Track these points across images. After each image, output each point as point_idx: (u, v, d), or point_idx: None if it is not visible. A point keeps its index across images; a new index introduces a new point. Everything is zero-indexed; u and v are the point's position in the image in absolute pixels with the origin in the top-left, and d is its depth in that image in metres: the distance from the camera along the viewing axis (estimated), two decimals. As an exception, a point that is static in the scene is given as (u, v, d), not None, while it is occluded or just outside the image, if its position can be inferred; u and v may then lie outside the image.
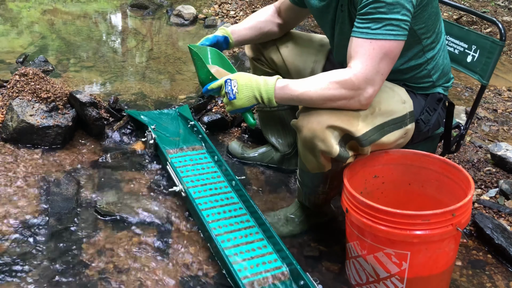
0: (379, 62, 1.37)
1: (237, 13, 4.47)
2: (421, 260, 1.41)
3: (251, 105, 1.51)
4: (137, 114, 2.42)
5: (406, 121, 1.55)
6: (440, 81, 1.67)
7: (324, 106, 1.44)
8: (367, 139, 1.46)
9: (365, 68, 1.37)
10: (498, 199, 2.07)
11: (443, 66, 1.66)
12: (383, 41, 1.36)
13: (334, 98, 1.41)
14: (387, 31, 1.35)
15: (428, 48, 1.57)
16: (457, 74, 3.64)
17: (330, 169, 1.57)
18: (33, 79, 2.34)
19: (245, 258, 1.63)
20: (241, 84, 1.49)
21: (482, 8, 5.23)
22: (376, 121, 1.47)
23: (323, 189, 1.69)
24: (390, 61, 1.40)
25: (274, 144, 2.23)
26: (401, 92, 1.58)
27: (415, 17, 1.43)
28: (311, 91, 1.42)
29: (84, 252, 1.68)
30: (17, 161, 2.10)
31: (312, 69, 1.94)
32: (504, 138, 2.68)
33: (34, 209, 1.84)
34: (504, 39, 1.75)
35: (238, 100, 1.49)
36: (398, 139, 1.57)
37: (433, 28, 1.54)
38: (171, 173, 1.98)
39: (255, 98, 1.49)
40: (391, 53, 1.38)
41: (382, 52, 1.36)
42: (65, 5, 4.78)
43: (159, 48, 3.71)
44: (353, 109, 1.44)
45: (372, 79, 1.38)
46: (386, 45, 1.36)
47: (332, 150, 1.44)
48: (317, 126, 1.43)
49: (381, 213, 1.36)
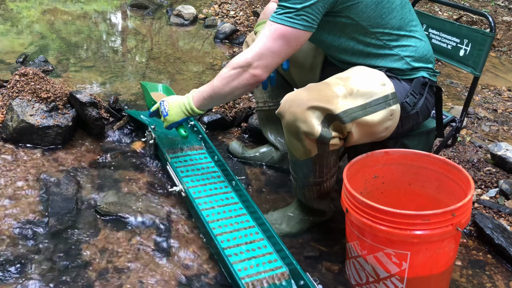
0: (272, 41, 1.56)
1: (237, 13, 4.47)
2: (421, 260, 1.41)
3: (181, 119, 1.82)
4: (137, 114, 2.42)
5: (389, 102, 1.58)
6: (419, 64, 1.69)
7: (231, 91, 1.67)
8: (347, 116, 1.50)
9: (259, 45, 1.58)
10: (498, 199, 2.07)
11: (416, 49, 1.68)
12: (279, 25, 1.54)
13: (231, 77, 1.64)
14: (286, 18, 1.53)
15: (381, 33, 1.63)
16: (457, 74, 3.65)
17: (317, 155, 1.59)
18: (33, 79, 2.34)
19: (245, 258, 1.63)
20: (171, 103, 1.83)
21: (482, 8, 5.23)
22: (356, 101, 1.53)
23: (314, 179, 1.69)
24: (285, 44, 1.56)
25: (273, 143, 2.23)
26: (381, 75, 1.62)
27: (348, 8, 1.56)
28: (215, 83, 1.69)
29: (84, 252, 1.68)
30: (17, 161, 2.10)
31: (312, 64, 1.95)
32: (504, 138, 2.68)
33: (34, 209, 1.85)
34: (494, 31, 1.81)
35: (170, 116, 1.83)
36: (385, 120, 1.58)
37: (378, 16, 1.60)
38: (171, 173, 1.98)
39: (183, 112, 1.81)
40: (285, 37, 1.55)
41: (276, 33, 1.55)
42: (65, 5, 4.78)
43: (159, 48, 3.71)
44: (249, 83, 1.63)
45: (262, 54, 1.58)
46: (281, 29, 1.54)
47: (313, 130, 1.50)
48: (298, 109, 1.51)
49: (381, 213, 1.36)
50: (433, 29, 2.03)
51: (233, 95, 1.71)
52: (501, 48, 4.28)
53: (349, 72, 1.64)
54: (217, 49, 3.76)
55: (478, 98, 3.20)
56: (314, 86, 1.56)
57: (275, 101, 2.14)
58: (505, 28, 4.70)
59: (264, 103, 2.18)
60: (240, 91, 1.68)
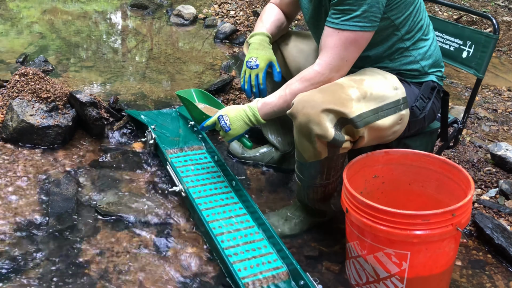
0: (344, 50, 1.52)
1: (237, 13, 4.47)
2: (421, 260, 1.41)
3: (244, 131, 1.73)
4: (137, 114, 2.42)
5: (400, 106, 1.57)
6: (431, 69, 1.69)
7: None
8: (361, 120, 1.49)
9: (331, 56, 1.54)
10: (498, 199, 2.07)
11: (431, 53, 1.68)
12: (349, 32, 1.49)
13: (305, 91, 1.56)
14: (354, 22, 1.48)
15: (408, 36, 1.62)
16: (457, 74, 3.65)
17: (326, 157, 1.58)
18: (33, 79, 2.34)
19: (245, 258, 1.63)
20: (232, 116, 1.72)
21: (482, 8, 5.23)
22: (369, 105, 1.52)
23: (321, 181, 1.68)
24: (356, 49, 1.53)
25: (274, 143, 2.23)
26: (393, 79, 1.61)
27: (390, 6, 1.52)
28: (289, 98, 1.61)
29: (84, 252, 1.68)
30: (17, 161, 2.10)
31: None
32: (504, 138, 2.68)
33: (34, 209, 1.85)
34: (497, 32, 1.80)
35: (233, 131, 1.72)
36: (394, 125, 1.57)
37: (410, 17, 1.59)
38: (171, 173, 1.98)
39: (246, 124, 1.72)
40: (357, 42, 1.51)
41: (348, 41, 1.51)
42: (65, 5, 4.78)
43: (159, 48, 3.71)
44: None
45: (338, 66, 1.55)
46: (351, 36, 1.49)
47: (327, 133, 1.47)
48: (312, 111, 1.48)
49: (381, 213, 1.36)
50: (436, 30, 2.02)
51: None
52: (501, 48, 4.28)
53: (361, 73, 1.62)
54: (217, 49, 3.76)
55: (478, 98, 3.20)
56: (328, 88, 1.53)
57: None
58: (505, 28, 4.70)
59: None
60: None
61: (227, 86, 2.77)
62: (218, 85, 2.71)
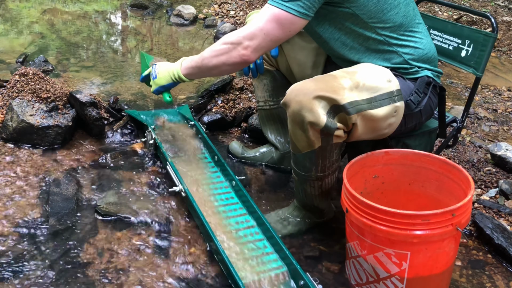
0: (266, 23, 1.58)
1: (237, 13, 4.47)
2: (421, 260, 1.41)
3: (168, 83, 1.90)
4: (137, 114, 2.42)
5: (394, 98, 1.58)
6: (421, 65, 1.69)
7: (218, 65, 1.69)
8: (353, 107, 1.50)
9: (252, 25, 1.60)
10: (498, 199, 2.07)
11: (421, 49, 1.69)
12: (275, 8, 1.56)
13: (221, 51, 1.66)
14: (282, 2, 1.55)
15: (388, 34, 1.64)
16: (457, 74, 3.65)
17: (320, 147, 1.58)
18: (33, 79, 2.34)
19: (245, 258, 1.62)
20: (161, 67, 1.92)
21: (482, 8, 5.24)
22: (362, 95, 1.53)
23: (316, 173, 1.68)
24: (279, 28, 1.58)
25: (273, 143, 2.23)
26: (386, 72, 1.62)
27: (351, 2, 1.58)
28: (204, 54, 1.73)
29: (84, 252, 1.68)
30: (17, 161, 2.10)
31: (314, 63, 1.96)
32: (504, 138, 2.68)
33: (34, 209, 1.85)
34: (496, 31, 1.81)
35: (158, 79, 1.91)
36: (389, 116, 1.58)
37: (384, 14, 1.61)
38: (171, 173, 1.98)
39: (170, 78, 1.87)
40: (279, 20, 1.56)
41: (271, 16, 1.57)
42: (65, 5, 4.78)
43: (159, 48, 3.71)
44: (236, 62, 1.65)
45: (254, 34, 1.60)
46: (276, 12, 1.56)
47: (319, 119, 1.49)
48: (304, 98, 1.50)
49: (381, 213, 1.36)
50: (434, 29, 2.03)
51: (219, 70, 1.73)
52: (501, 48, 4.28)
53: (355, 67, 1.65)
54: (217, 49, 3.76)
55: (478, 98, 3.20)
56: (321, 78, 1.56)
57: (276, 100, 2.14)
58: (505, 28, 4.70)
59: (265, 102, 2.18)
60: (227, 68, 1.70)
61: (227, 86, 2.77)
62: (218, 85, 2.72)
